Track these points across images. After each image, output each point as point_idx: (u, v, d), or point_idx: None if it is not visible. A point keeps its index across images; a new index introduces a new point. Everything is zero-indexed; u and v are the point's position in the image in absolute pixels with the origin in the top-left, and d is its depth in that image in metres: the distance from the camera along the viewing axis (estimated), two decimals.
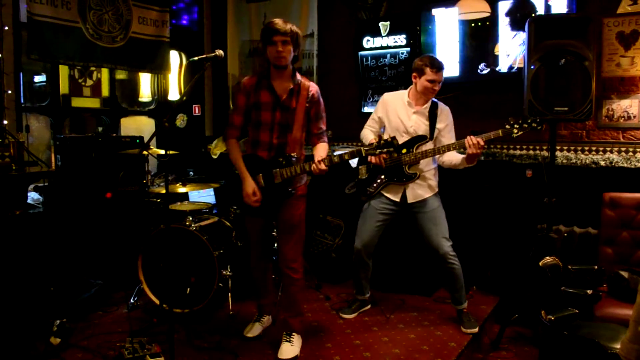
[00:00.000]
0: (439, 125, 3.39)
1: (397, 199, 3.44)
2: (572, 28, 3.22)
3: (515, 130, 3.07)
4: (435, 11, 4.30)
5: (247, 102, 2.99)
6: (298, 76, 2.98)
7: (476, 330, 3.35)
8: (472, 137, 3.12)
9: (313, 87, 3.00)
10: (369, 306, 3.77)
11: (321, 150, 3.00)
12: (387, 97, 3.56)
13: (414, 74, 3.39)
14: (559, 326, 2.50)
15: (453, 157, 3.34)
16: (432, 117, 3.40)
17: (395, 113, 3.46)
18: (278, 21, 2.85)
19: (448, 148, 3.26)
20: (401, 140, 3.38)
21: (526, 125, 3.06)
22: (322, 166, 2.82)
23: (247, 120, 3.04)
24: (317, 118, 3.02)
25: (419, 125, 3.41)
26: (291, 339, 3.05)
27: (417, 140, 3.38)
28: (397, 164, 3.37)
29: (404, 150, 3.38)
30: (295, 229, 3.03)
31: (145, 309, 3.69)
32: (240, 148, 3.08)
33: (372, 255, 3.58)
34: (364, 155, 2.82)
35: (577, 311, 2.58)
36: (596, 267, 3.07)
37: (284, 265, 3.04)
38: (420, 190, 3.41)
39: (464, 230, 3.87)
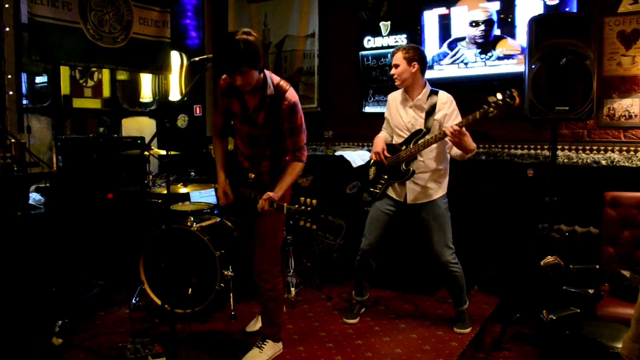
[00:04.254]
0: (437, 116, 3.22)
1: (400, 198, 3.35)
2: (573, 27, 3.21)
3: (492, 109, 2.89)
4: (435, 11, 4.31)
5: (224, 103, 2.88)
6: (272, 83, 2.70)
7: (467, 331, 3.33)
8: (450, 125, 3.00)
9: (288, 99, 2.68)
10: (364, 309, 3.67)
11: (287, 177, 2.75)
12: (390, 95, 3.47)
13: None
14: (560, 326, 2.50)
15: (454, 148, 3.16)
16: (430, 109, 3.24)
17: (397, 111, 3.38)
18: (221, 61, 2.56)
19: (435, 139, 3.09)
20: (403, 138, 3.32)
21: (501, 102, 2.87)
22: (265, 206, 2.62)
23: (228, 119, 2.94)
24: (291, 133, 2.75)
25: (416, 119, 3.28)
26: (262, 345, 2.94)
27: (415, 135, 3.25)
28: (397, 162, 3.28)
29: (403, 147, 3.28)
30: (266, 238, 2.85)
31: (147, 309, 3.69)
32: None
33: (377, 257, 3.50)
34: (284, 212, 2.59)
35: (578, 310, 2.58)
36: (598, 267, 3.07)
37: (255, 273, 2.92)
38: (420, 193, 3.28)
39: (465, 230, 3.86)
